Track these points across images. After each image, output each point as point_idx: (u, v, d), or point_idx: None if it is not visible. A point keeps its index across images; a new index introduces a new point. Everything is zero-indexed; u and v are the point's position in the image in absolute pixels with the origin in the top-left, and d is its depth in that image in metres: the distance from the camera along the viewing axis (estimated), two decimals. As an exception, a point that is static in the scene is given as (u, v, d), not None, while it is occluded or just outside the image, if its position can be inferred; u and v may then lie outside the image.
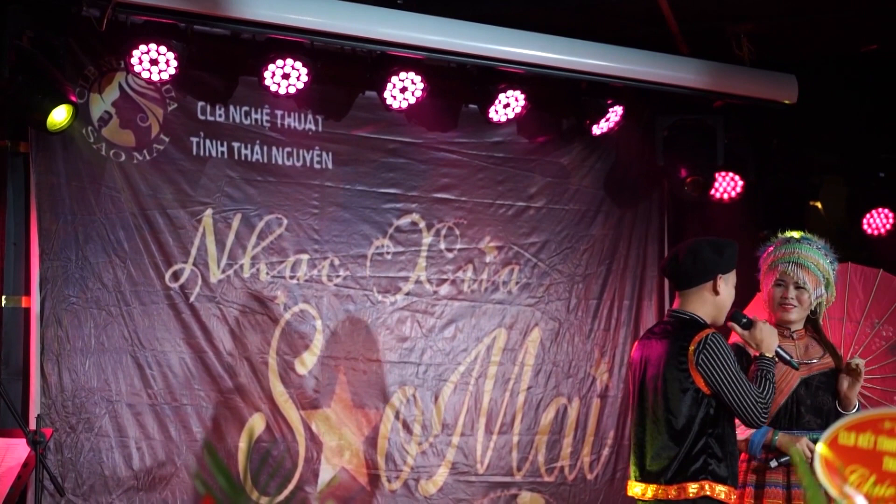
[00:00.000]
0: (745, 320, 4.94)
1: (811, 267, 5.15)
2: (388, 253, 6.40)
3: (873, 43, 7.09)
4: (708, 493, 4.64)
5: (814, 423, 5.06)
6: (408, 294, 6.44)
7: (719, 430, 4.70)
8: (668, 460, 4.68)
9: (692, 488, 4.64)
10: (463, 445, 6.49)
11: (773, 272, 5.19)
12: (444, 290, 6.53)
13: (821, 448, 2.46)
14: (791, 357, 4.99)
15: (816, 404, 5.10)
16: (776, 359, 4.88)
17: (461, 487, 6.47)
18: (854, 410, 5.04)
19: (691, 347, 4.66)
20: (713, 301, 4.81)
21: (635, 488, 4.84)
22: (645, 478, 4.78)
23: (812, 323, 5.17)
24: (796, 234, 5.21)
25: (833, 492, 2.42)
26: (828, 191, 7.59)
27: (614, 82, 6.52)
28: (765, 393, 4.71)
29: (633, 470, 4.85)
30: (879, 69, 7.24)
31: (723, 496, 4.66)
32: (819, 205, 7.37)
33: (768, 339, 4.86)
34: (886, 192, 7.60)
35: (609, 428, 6.87)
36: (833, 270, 5.18)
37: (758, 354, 4.86)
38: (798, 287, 5.13)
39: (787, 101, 6.86)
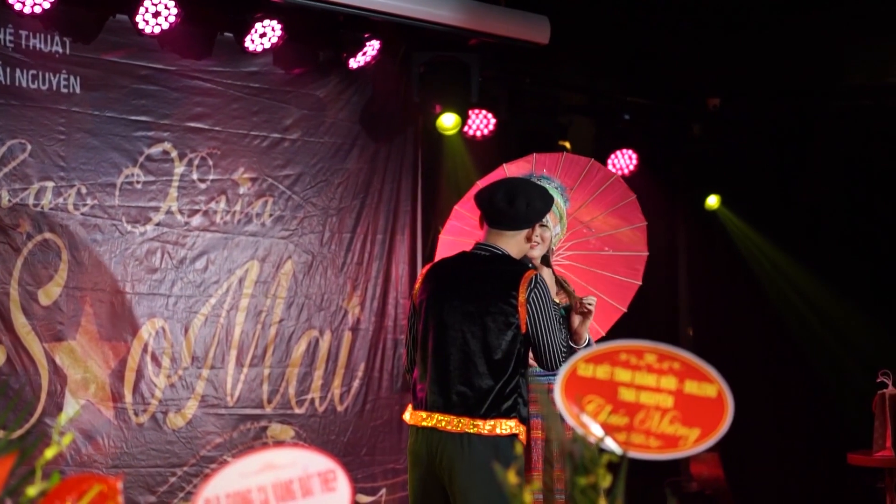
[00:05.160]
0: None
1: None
2: (138, 182, 6.24)
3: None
4: (516, 432, 4.59)
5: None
6: (158, 224, 6.31)
7: (525, 371, 4.70)
8: (482, 393, 4.59)
9: (504, 426, 4.57)
10: (213, 378, 6.43)
11: None
12: (196, 221, 6.43)
13: (560, 380, 2.54)
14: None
15: None
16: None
17: (210, 420, 6.42)
18: (584, 345, 5.17)
19: (523, 284, 4.63)
20: (523, 247, 4.79)
21: (437, 418, 4.65)
22: (449, 409, 4.62)
23: (544, 260, 5.28)
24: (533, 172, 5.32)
25: (571, 421, 2.50)
26: (576, 130, 7.81)
27: (372, 16, 6.50)
28: (566, 338, 4.86)
29: (430, 399, 4.66)
30: (629, 13, 7.46)
31: (522, 437, 4.64)
32: (567, 144, 7.56)
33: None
34: (631, 133, 7.90)
35: (360, 360, 6.93)
36: (566, 208, 5.30)
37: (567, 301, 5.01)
38: (542, 225, 5.21)
39: (539, 42, 7.00)
